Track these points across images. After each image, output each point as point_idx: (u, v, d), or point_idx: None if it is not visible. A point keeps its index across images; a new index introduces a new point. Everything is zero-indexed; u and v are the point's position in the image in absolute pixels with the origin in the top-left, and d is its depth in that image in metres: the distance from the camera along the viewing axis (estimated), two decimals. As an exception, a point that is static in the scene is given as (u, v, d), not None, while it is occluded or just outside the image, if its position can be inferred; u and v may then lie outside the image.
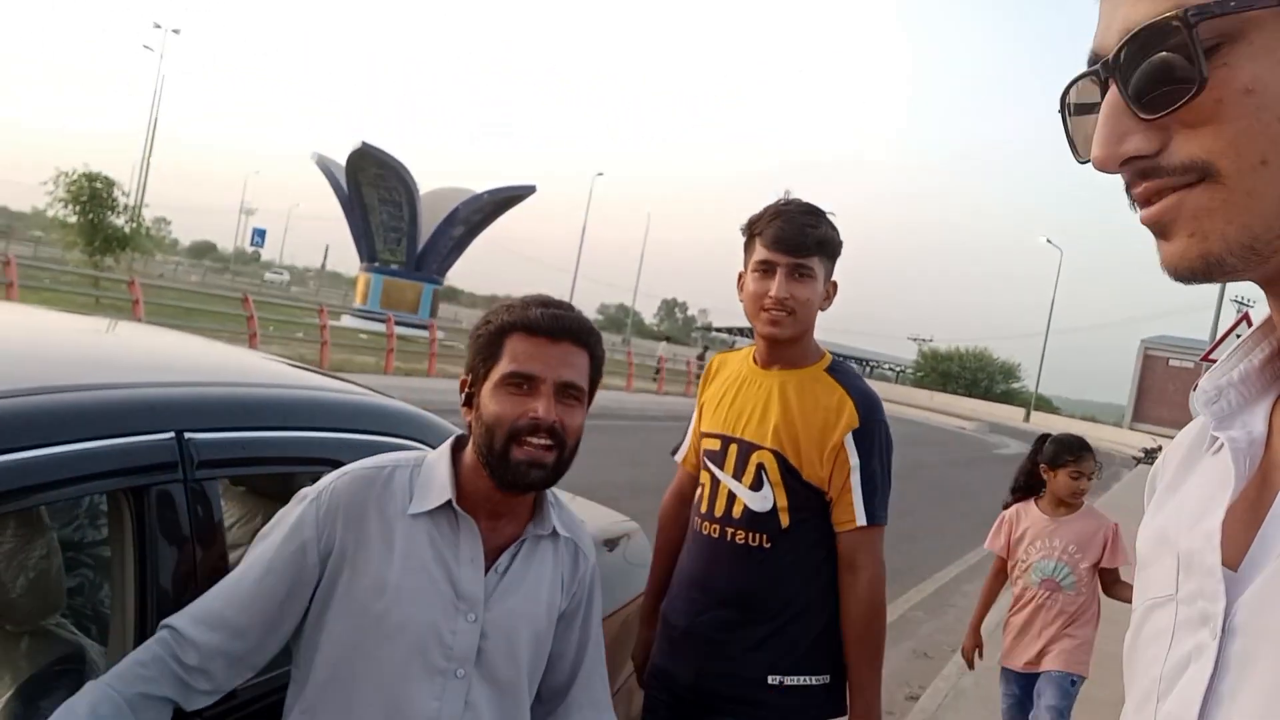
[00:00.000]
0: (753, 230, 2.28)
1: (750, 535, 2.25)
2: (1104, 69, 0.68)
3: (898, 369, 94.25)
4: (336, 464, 1.91)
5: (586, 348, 1.74)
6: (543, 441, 1.65)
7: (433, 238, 34.75)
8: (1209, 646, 0.65)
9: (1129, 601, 3.22)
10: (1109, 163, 0.67)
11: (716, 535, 2.30)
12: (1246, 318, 11.75)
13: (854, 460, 2.21)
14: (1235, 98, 0.62)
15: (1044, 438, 4.42)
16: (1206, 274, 0.66)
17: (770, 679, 2.24)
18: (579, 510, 3.12)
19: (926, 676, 6.04)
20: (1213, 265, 0.65)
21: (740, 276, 2.33)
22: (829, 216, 2.29)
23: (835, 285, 2.32)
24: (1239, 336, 5.08)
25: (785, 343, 2.26)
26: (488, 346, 1.71)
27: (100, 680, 1.49)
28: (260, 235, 71.89)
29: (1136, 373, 79.29)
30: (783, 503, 2.24)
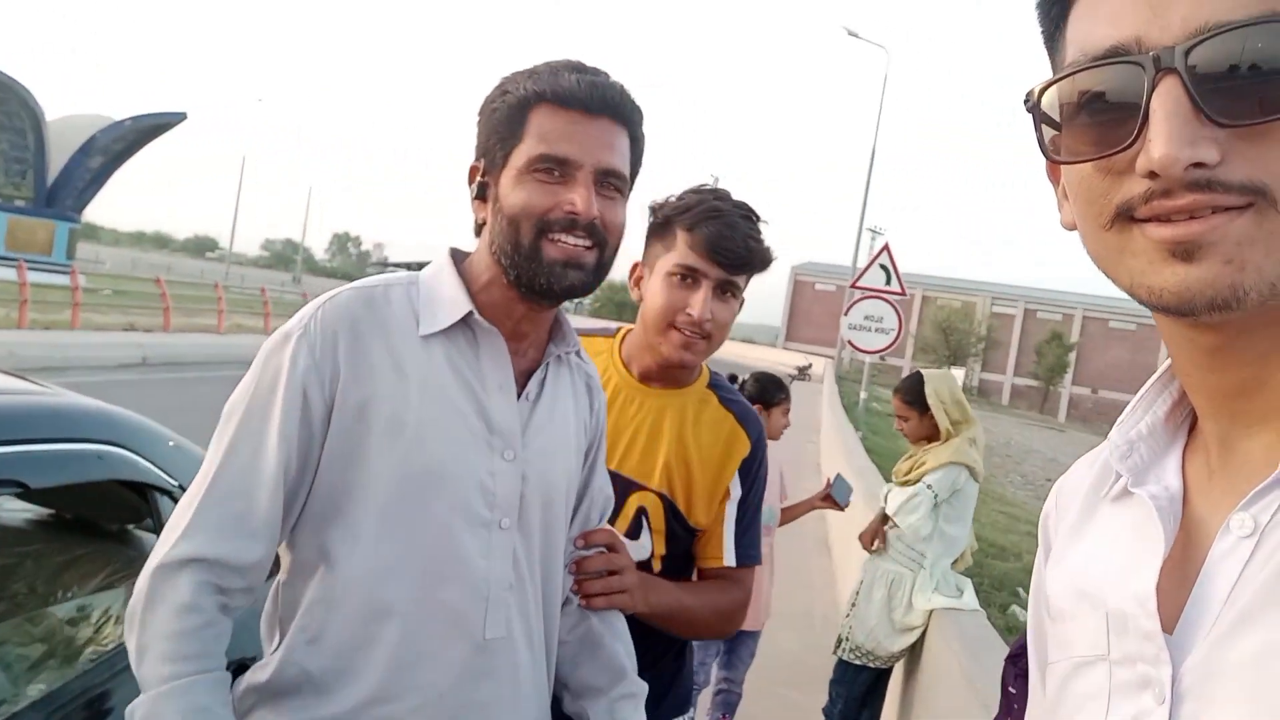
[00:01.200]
0: (673, 221, 1.82)
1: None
2: (1151, 64, 0.61)
3: (577, 300, 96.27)
4: (16, 485, 1.61)
5: (629, 126, 1.42)
6: (582, 241, 1.36)
7: (66, 170, 30.95)
8: (1155, 712, 0.64)
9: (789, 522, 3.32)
10: (1176, 165, 0.59)
11: None
12: (887, 248, 13.03)
13: (736, 492, 1.90)
14: None
15: (732, 379, 4.43)
16: (1225, 306, 0.61)
17: None
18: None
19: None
20: (1238, 298, 0.61)
21: (636, 268, 1.90)
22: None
23: (742, 301, 1.91)
24: (882, 267, 5.55)
25: (688, 367, 1.87)
26: (507, 123, 1.37)
27: (172, 679, 1.21)
28: None
29: (788, 296, 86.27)
30: (660, 550, 1.86)
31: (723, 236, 1.76)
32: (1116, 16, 0.64)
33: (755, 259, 1.81)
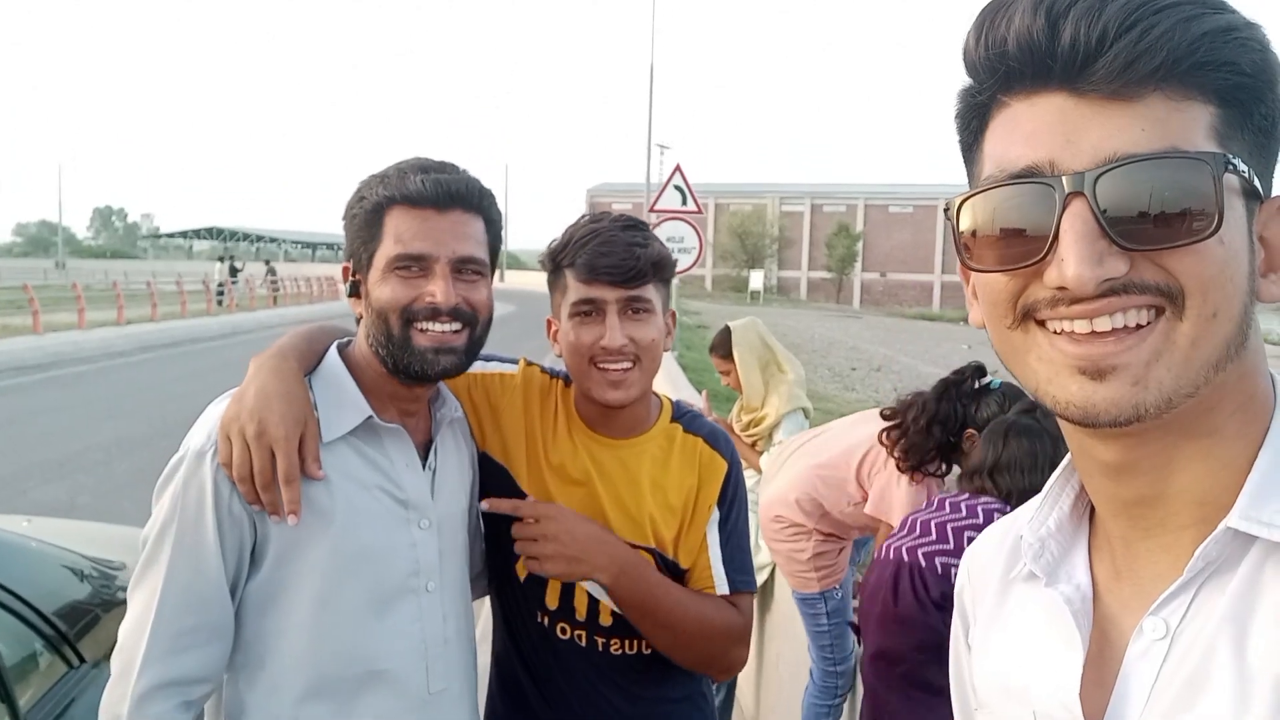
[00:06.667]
0: (558, 261, 1.74)
1: (628, 642, 1.78)
2: (1062, 187, 0.66)
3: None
4: None
5: (480, 212, 1.54)
6: (448, 327, 1.48)
7: None
8: None
9: None
10: (1089, 284, 0.65)
11: (584, 643, 1.78)
12: (679, 169, 13.23)
13: (715, 514, 1.80)
14: (1214, 247, 0.64)
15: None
16: (1126, 422, 0.67)
17: None
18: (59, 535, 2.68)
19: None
20: (1139, 415, 0.67)
21: (550, 324, 1.80)
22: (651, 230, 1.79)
23: (674, 315, 1.82)
24: (676, 188, 5.65)
25: (631, 405, 1.74)
26: (366, 227, 1.50)
27: None
28: None
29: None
30: None
31: (603, 254, 1.66)
32: (1032, 138, 0.68)
33: (648, 265, 1.68)
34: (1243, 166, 0.66)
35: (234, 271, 36.21)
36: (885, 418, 3.14)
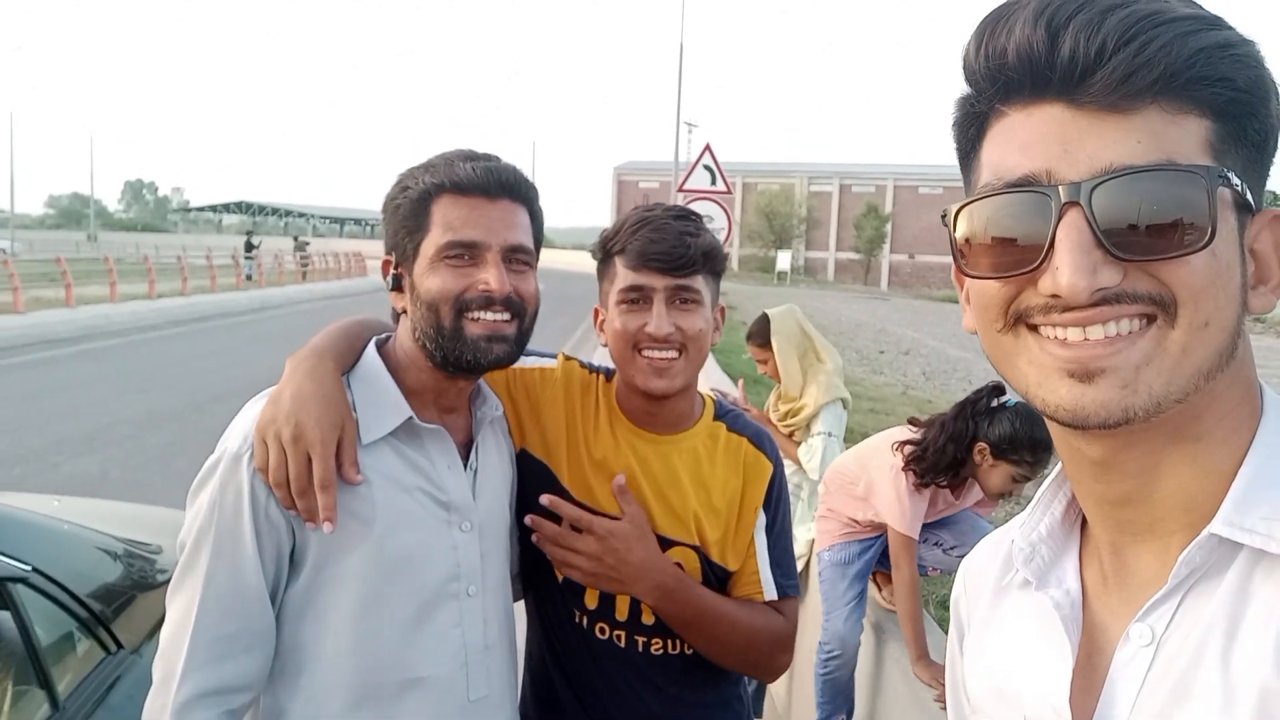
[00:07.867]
0: (609, 248, 1.72)
1: (670, 642, 1.74)
2: (1058, 196, 0.67)
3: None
4: None
5: (526, 204, 1.52)
6: (500, 316, 1.45)
7: None
8: None
9: None
10: (1083, 294, 0.66)
11: (624, 644, 1.73)
12: (709, 148, 13.11)
13: (762, 519, 1.78)
14: (1207, 258, 0.65)
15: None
16: (1116, 424, 0.68)
17: None
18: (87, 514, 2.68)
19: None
20: (1128, 418, 0.67)
21: (597, 314, 1.78)
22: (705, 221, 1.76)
23: (724, 311, 1.80)
24: (706, 168, 5.57)
25: (674, 396, 1.71)
26: (412, 216, 1.46)
27: None
28: None
29: (614, 197, 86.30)
30: None
31: (654, 241, 1.65)
32: (1030, 148, 0.69)
33: (698, 254, 1.65)
34: (1236, 180, 0.67)
35: (250, 247, 36.11)
36: (911, 423, 3.37)
